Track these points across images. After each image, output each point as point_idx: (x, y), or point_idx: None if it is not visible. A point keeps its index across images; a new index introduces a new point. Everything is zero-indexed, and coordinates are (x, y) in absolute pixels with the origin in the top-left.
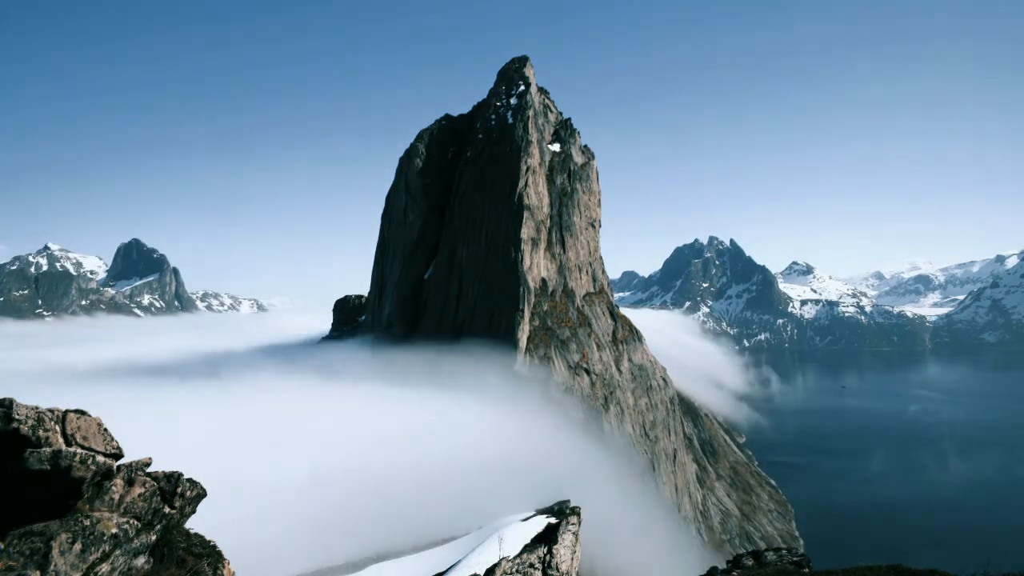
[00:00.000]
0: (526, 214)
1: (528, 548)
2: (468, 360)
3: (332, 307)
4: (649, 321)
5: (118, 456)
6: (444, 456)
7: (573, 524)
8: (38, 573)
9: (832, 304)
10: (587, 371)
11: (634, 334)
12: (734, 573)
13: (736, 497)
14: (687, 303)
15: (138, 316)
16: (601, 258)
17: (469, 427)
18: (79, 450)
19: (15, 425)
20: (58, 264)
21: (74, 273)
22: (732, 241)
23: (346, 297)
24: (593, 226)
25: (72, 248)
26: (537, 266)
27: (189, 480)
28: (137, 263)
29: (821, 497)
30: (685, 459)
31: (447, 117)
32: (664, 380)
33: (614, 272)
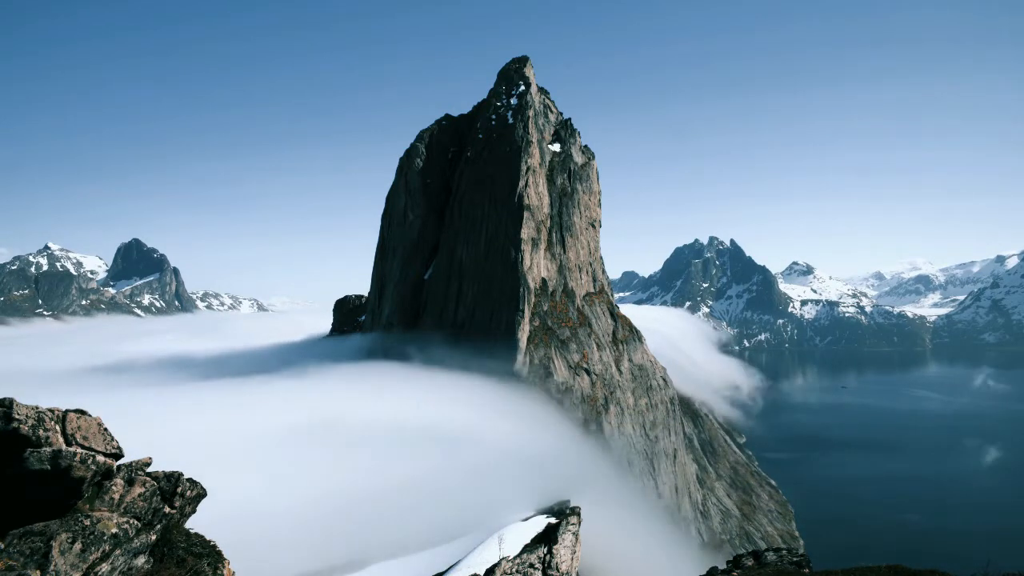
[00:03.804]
0: (526, 214)
1: (528, 548)
2: (468, 360)
3: (332, 307)
4: (651, 324)
5: (118, 456)
6: (444, 456)
7: (573, 524)
8: (38, 573)
9: (832, 304)
10: (587, 371)
11: (634, 334)
12: (734, 573)
13: (736, 497)
14: (687, 303)
15: (138, 316)
16: (601, 258)
17: (469, 427)
18: (79, 450)
19: (15, 425)
20: (58, 264)
21: (74, 273)
22: (732, 241)
23: (346, 297)
24: (593, 226)
25: (72, 248)
26: (537, 266)
27: (189, 480)
28: (137, 263)
29: (821, 497)
30: (685, 459)
31: (447, 117)
32: (664, 380)
33: (614, 272)
